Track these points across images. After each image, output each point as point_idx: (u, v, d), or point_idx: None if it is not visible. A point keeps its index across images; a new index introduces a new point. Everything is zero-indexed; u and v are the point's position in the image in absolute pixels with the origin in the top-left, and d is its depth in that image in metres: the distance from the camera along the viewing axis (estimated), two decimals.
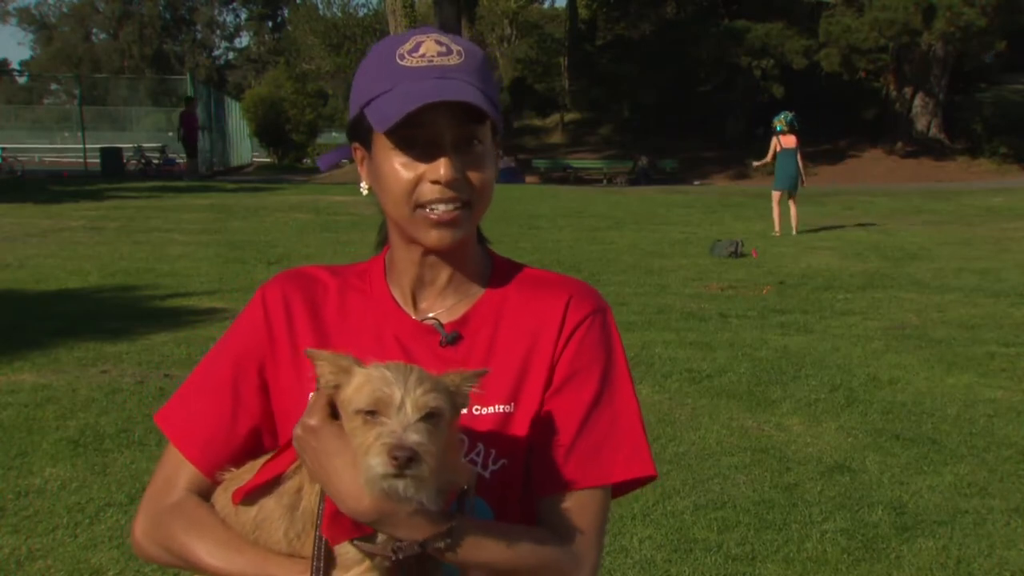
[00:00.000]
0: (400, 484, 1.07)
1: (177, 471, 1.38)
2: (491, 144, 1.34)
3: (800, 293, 10.25)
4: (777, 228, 15.60)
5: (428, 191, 1.28)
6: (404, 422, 1.08)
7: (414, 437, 1.07)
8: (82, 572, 3.72)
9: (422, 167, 1.28)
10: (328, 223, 15.95)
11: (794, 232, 15.49)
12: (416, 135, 1.27)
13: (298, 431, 1.17)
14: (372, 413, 1.10)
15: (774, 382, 6.62)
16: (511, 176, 29.81)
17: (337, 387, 1.14)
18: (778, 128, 15.62)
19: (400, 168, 1.29)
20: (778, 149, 15.63)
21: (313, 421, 1.16)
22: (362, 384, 1.12)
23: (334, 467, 1.13)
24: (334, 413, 1.16)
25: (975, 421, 5.82)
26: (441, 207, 1.29)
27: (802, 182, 15.72)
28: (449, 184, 1.27)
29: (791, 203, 15.65)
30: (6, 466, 4.81)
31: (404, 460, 1.05)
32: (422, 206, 1.29)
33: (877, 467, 5.04)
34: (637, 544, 4.03)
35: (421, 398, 1.10)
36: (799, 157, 15.56)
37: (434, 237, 1.31)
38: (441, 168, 1.27)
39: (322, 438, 1.14)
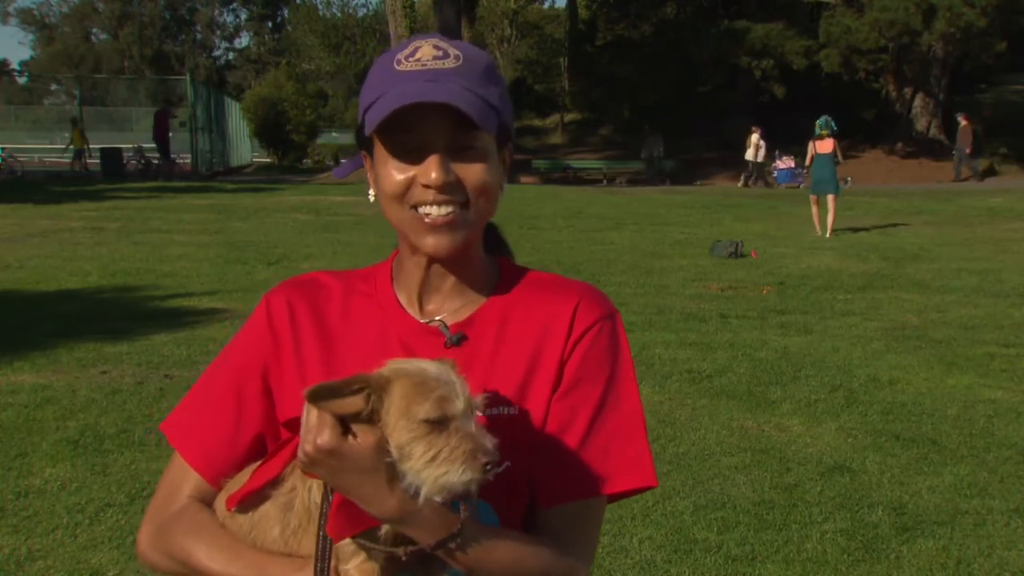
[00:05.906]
0: (474, 486, 1.12)
1: (182, 479, 1.38)
2: (495, 148, 1.32)
3: (800, 293, 10.25)
4: (818, 230, 15.79)
5: (420, 194, 1.28)
6: (472, 425, 1.12)
7: (489, 440, 1.11)
8: (82, 572, 3.72)
9: (414, 170, 1.27)
10: (328, 223, 15.95)
11: (828, 234, 15.59)
12: (406, 140, 1.27)
13: (311, 452, 1.12)
14: (440, 421, 1.11)
15: (774, 382, 6.62)
16: (791, 177, 28.72)
17: (375, 410, 1.12)
18: (816, 132, 15.77)
19: (394, 171, 1.28)
20: (814, 154, 15.85)
21: (327, 443, 1.11)
22: (418, 392, 1.12)
23: (357, 479, 1.12)
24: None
25: (975, 421, 5.82)
26: (434, 210, 1.27)
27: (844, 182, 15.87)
28: (440, 188, 1.26)
29: (830, 206, 15.76)
30: (6, 466, 4.82)
31: (489, 464, 1.11)
32: (416, 207, 1.29)
33: (877, 467, 5.04)
34: (637, 544, 4.03)
35: (470, 400, 1.14)
36: (838, 157, 15.89)
37: (431, 243, 1.29)
38: (432, 172, 1.26)
39: (344, 457, 1.11)
